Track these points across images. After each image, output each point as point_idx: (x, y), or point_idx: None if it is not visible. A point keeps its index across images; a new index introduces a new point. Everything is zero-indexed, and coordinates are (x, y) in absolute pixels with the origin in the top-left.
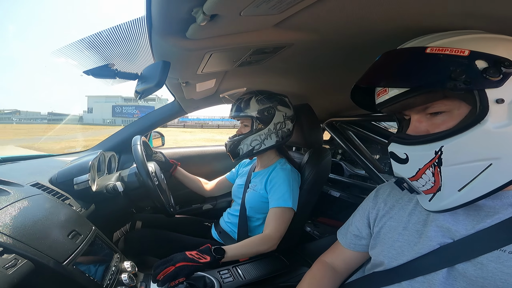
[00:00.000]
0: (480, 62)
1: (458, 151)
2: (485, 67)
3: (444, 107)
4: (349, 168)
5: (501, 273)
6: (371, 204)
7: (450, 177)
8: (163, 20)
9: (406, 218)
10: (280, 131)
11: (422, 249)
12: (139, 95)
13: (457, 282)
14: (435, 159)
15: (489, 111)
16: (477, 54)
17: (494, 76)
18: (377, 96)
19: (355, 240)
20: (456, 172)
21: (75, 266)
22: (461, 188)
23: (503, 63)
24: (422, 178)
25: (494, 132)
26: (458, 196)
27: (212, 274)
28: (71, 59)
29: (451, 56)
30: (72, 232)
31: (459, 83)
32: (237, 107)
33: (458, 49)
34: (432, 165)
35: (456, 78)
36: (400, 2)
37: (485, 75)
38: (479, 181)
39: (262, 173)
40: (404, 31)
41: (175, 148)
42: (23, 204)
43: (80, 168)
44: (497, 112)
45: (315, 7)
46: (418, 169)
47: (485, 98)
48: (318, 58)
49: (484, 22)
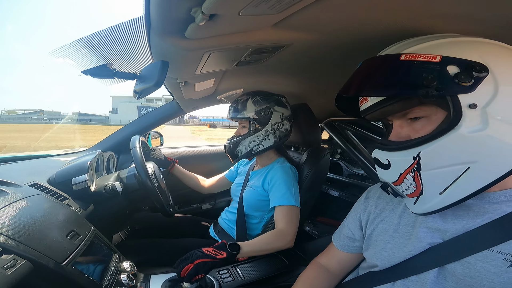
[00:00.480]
0: (452, 68)
1: (435, 156)
2: (457, 72)
3: (422, 113)
4: (348, 168)
5: (488, 272)
6: (362, 206)
7: (430, 181)
8: (162, 20)
9: (397, 220)
10: (278, 132)
11: (413, 250)
12: (137, 95)
13: (447, 281)
14: (414, 164)
15: (462, 116)
16: (448, 60)
17: (466, 81)
18: (360, 103)
19: (348, 242)
20: (436, 176)
21: (74, 266)
22: (442, 191)
23: (474, 68)
24: (404, 183)
25: (469, 136)
26: (440, 199)
27: (211, 274)
28: (69, 58)
29: (423, 63)
30: (71, 233)
31: (431, 90)
32: (234, 108)
33: (430, 55)
34: (412, 170)
35: (428, 85)
36: (398, 4)
37: (457, 81)
38: (459, 184)
39: (260, 172)
40: (400, 32)
41: (174, 148)
42: (21, 205)
43: (79, 168)
44: (471, 117)
45: (314, 7)
46: (399, 174)
47: (458, 103)
48: (316, 58)
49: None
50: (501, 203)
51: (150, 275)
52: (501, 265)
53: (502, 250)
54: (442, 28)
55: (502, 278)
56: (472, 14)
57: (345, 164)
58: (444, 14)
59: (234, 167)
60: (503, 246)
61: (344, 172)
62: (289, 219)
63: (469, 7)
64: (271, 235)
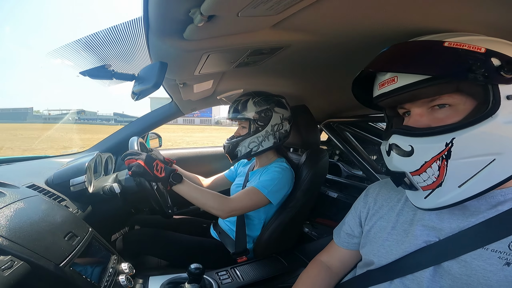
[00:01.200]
0: (495, 60)
1: (468, 144)
2: (500, 65)
3: (451, 101)
4: (346, 169)
5: (483, 270)
6: (361, 203)
7: (455, 172)
8: (161, 21)
9: (395, 218)
10: (278, 133)
11: (409, 248)
12: (136, 96)
13: (443, 279)
14: (445, 151)
15: (500, 106)
16: (492, 53)
17: (508, 74)
18: (381, 86)
19: (348, 239)
20: (462, 166)
21: (72, 267)
22: (461, 184)
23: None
24: (426, 172)
25: (503, 127)
26: (457, 193)
27: (210, 275)
28: (67, 60)
29: (469, 51)
30: (69, 234)
31: (479, 76)
32: (234, 109)
33: (475, 46)
34: (439, 158)
35: (475, 71)
36: (397, 5)
37: (501, 72)
38: (480, 177)
39: (258, 171)
40: (400, 33)
41: (173, 149)
42: (19, 206)
43: (77, 169)
44: (507, 108)
45: (312, 8)
46: (424, 162)
47: (498, 93)
48: (315, 59)
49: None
50: (497, 203)
51: (149, 276)
52: (497, 263)
53: (497, 248)
54: (443, 30)
55: (498, 276)
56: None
57: (343, 165)
58: (441, 18)
59: (234, 167)
60: (497, 245)
61: (342, 174)
62: (245, 196)
63: (469, 9)
64: (215, 195)
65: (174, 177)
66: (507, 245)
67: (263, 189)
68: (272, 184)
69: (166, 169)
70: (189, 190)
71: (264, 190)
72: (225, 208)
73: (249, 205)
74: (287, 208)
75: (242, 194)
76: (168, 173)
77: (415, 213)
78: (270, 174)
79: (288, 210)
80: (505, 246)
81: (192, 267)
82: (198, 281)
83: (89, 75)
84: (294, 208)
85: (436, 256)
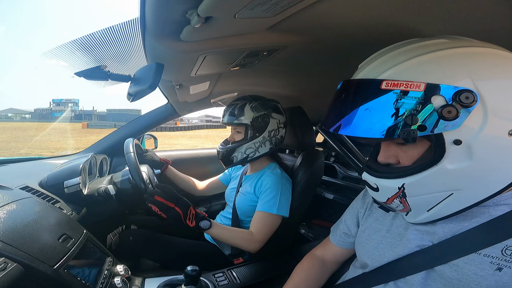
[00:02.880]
0: (437, 99)
1: (419, 187)
2: (442, 105)
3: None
4: (342, 170)
5: (475, 275)
6: (360, 203)
7: (416, 204)
8: (157, 22)
9: (390, 221)
10: (274, 138)
11: (402, 251)
12: (131, 97)
13: (435, 283)
14: (399, 192)
15: (446, 152)
16: (433, 88)
17: (452, 117)
18: None
19: (344, 238)
20: (420, 201)
21: (67, 270)
22: (429, 209)
23: (463, 98)
24: (393, 203)
25: (452, 170)
26: (428, 215)
27: (207, 277)
28: (62, 60)
29: (406, 94)
30: (63, 236)
31: (413, 132)
32: (230, 113)
33: (412, 83)
34: (398, 196)
35: (410, 124)
36: (392, 6)
37: (443, 116)
38: (444, 205)
39: (252, 177)
40: (395, 34)
41: (169, 151)
42: (12, 208)
43: (71, 171)
44: (455, 153)
45: (309, 10)
46: (388, 197)
47: (441, 140)
48: (311, 60)
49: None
50: (489, 207)
51: (144, 278)
52: (488, 268)
53: (489, 253)
54: (437, 28)
55: (489, 281)
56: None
57: (339, 167)
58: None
59: (228, 171)
60: (490, 250)
61: (338, 175)
62: (263, 225)
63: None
64: (242, 233)
65: (204, 224)
66: (499, 250)
67: (272, 210)
68: (276, 201)
69: (197, 216)
70: (218, 233)
71: (273, 210)
72: (254, 244)
73: (270, 231)
74: None
75: (259, 224)
76: (198, 220)
77: None
78: (270, 192)
79: None
80: (498, 251)
81: (188, 269)
82: (194, 283)
83: (84, 76)
84: (290, 210)
85: (429, 260)
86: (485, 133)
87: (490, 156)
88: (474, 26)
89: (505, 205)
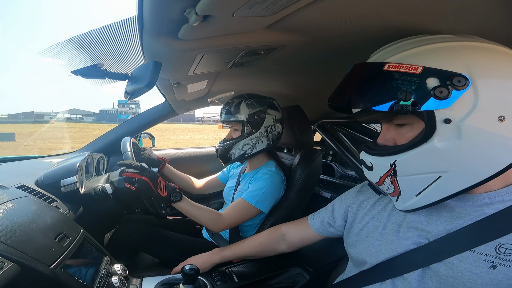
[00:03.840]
0: (431, 80)
1: (409, 165)
2: (435, 86)
3: (406, 121)
4: (340, 169)
5: (469, 273)
6: (353, 198)
7: (405, 185)
8: (155, 20)
9: (386, 218)
10: (271, 134)
11: (399, 248)
12: (129, 96)
13: (431, 281)
14: (391, 170)
15: (436, 130)
16: (429, 71)
17: (443, 96)
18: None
19: (326, 227)
20: (410, 181)
21: (64, 269)
22: (418, 194)
23: (455, 80)
24: (384, 184)
25: (441, 149)
26: (416, 200)
27: (204, 276)
28: (58, 59)
29: (404, 75)
30: (60, 235)
31: (406, 106)
32: (227, 111)
33: (412, 66)
34: (389, 175)
35: (405, 100)
36: (391, 5)
37: (435, 95)
38: (432, 189)
39: (249, 175)
40: (392, 31)
41: (166, 150)
42: (8, 207)
43: (67, 170)
44: (444, 132)
45: (307, 9)
46: (380, 176)
47: (433, 118)
48: (309, 59)
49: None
50: (483, 205)
51: (142, 277)
52: (483, 265)
53: (483, 251)
54: (438, 27)
55: (484, 279)
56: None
57: (337, 165)
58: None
59: (226, 169)
60: (484, 247)
61: (336, 174)
62: (236, 212)
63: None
64: (210, 213)
65: (174, 195)
66: (493, 248)
67: (251, 200)
68: (259, 193)
69: (168, 187)
70: (188, 208)
71: (252, 201)
72: (219, 225)
73: (241, 219)
74: (281, 208)
75: (232, 209)
76: (170, 191)
77: (405, 214)
78: (258, 183)
79: (282, 210)
80: (492, 249)
81: (186, 267)
82: (192, 282)
83: (81, 74)
84: (287, 209)
85: (425, 258)
86: (474, 116)
87: (478, 139)
88: (473, 26)
89: (499, 203)
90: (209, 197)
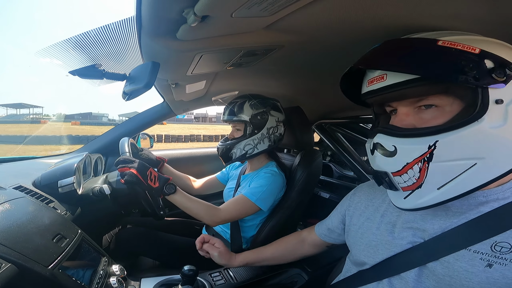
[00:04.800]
0: (488, 62)
1: (451, 147)
2: (492, 67)
3: (438, 101)
4: (338, 170)
5: (466, 272)
6: (348, 202)
7: (435, 174)
8: (153, 21)
9: (379, 219)
10: (273, 136)
11: (395, 248)
12: (127, 96)
13: (428, 280)
14: (427, 153)
15: (488, 110)
16: (486, 54)
17: (500, 77)
18: (370, 83)
19: (326, 232)
20: (443, 169)
21: (61, 270)
22: (440, 187)
23: (508, 66)
24: (407, 174)
25: (488, 131)
26: (436, 195)
27: (203, 276)
28: (56, 59)
29: (462, 52)
30: (57, 236)
31: (469, 78)
32: (230, 110)
33: (469, 46)
34: (421, 160)
35: (467, 73)
36: (389, 4)
37: (492, 75)
38: (459, 180)
39: (250, 176)
40: (393, 33)
41: (165, 150)
42: (5, 208)
43: (65, 170)
44: (494, 112)
45: (306, 9)
46: (405, 163)
47: (487, 97)
48: (307, 60)
49: (471, 25)
50: (479, 204)
51: (141, 278)
52: (479, 264)
53: (479, 249)
54: (438, 28)
55: (480, 278)
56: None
57: (335, 166)
58: (432, 15)
59: (226, 169)
60: (479, 246)
61: (334, 174)
62: (234, 206)
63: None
64: (206, 206)
65: (168, 187)
66: (489, 247)
67: (252, 197)
68: (261, 191)
69: (160, 178)
70: (182, 200)
71: (252, 198)
72: (215, 219)
73: (239, 214)
74: (282, 208)
75: (231, 204)
76: (162, 182)
77: (399, 214)
78: (259, 181)
79: (283, 210)
80: (487, 247)
81: (185, 268)
82: (191, 283)
83: (78, 74)
84: (289, 209)
85: (420, 257)
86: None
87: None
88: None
89: (493, 201)
90: (208, 198)
